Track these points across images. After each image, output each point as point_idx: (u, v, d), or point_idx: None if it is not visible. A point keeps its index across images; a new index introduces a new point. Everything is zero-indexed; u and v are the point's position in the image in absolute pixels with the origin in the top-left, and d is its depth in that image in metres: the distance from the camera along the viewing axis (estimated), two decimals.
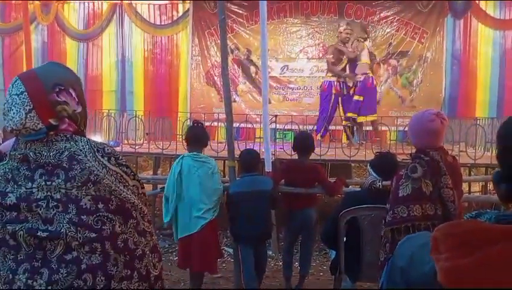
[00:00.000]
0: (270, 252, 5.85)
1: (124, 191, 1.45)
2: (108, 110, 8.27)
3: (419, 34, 9.81)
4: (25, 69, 8.95)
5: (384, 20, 9.93)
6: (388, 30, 9.91)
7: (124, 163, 1.50)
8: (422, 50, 9.84)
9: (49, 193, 1.37)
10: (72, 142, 1.43)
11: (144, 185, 1.59)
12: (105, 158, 1.45)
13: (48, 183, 1.38)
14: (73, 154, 1.41)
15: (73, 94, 1.49)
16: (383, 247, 2.72)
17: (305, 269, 4.82)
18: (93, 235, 1.36)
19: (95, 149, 1.45)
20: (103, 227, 1.37)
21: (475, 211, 1.04)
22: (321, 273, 5.31)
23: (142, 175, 8.21)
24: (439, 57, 9.81)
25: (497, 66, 9.59)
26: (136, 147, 7.31)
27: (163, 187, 6.47)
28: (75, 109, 1.49)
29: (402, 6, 9.88)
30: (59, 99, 1.45)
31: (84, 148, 1.43)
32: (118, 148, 7.42)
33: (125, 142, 7.87)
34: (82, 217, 1.36)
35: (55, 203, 1.36)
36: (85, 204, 1.37)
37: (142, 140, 7.95)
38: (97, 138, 7.63)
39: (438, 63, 9.82)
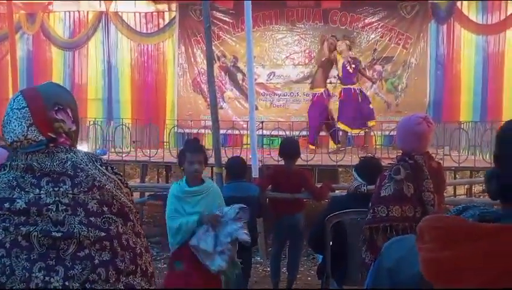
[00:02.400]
0: (259, 258, 5.87)
1: (122, 196, 1.57)
2: (95, 119, 8.25)
3: (404, 39, 9.95)
4: (10, 79, 8.93)
5: (369, 27, 10.06)
6: (373, 36, 10.03)
7: (118, 172, 1.63)
8: (406, 55, 9.97)
9: (57, 198, 1.45)
10: (72, 153, 1.54)
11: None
12: (104, 167, 1.58)
13: (56, 189, 1.46)
14: (76, 163, 1.52)
15: (70, 114, 1.61)
16: (362, 244, 2.78)
17: (293, 274, 4.84)
18: (103, 234, 1.46)
19: (93, 159, 1.58)
20: (110, 227, 1.49)
21: (462, 205, 1.09)
22: (309, 278, 5.34)
23: (130, 183, 8.20)
24: (423, 62, 9.94)
25: (481, 70, 9.74)
26: (123, 155, 7.30)
27: (151, 195, 6.51)
28: (71, 127, 1.60)
29: (386, 12, 10.01)
30: (57, 117, 1.56)
31: (83, 159, 1.55)
32: (104, 157, 7.41)
33: (112, 150, 7.85)
34: (90, 218, 1.46)
35: (64, 207, 1.45)
36: (92, 207, 1.48)
37: (129, 148, 7.94)
38: (83, 146, 7.61)
39: (422, 68, 9.95)
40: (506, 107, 9.23)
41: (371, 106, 8.46)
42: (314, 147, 8.18)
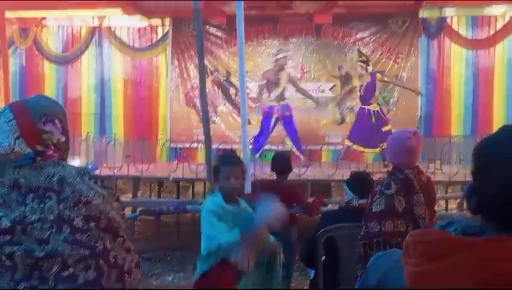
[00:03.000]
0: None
1: (111, 211, 1.53)
2: (87, 133, 8.25)
3: (395, 54, 10.03)
4: (3, 93, 8.93)
5: (361, 41, 10.13)
6: (364, 51, 10.08)
7: (108, 186, 1.61)
8: (398, 70, 10.03)
9: (42, 215, 1.43)
10: (60, 167, 1.52)
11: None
12: (92, 181, 1.55)
13: (41, 205, 1.44)
14: (63, 177, 1.49)
15: (59, 125, 1.60)
16: (358, 262, 2.79)
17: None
18: (88, 252, 1.43)
19: (82, 173, 1.54)
20: (96, 244, 1.45)
21: (446, 221, 1.11)
22: None
23: (122, 198, 8.17)
24: (414, 76, 10.01)
25: (471, 84, 9.84)
26: (115, 170, 7.28)
27: (143, 210, 6.50)
28: (60, 138, 1.59)
29: (377, 27, 10.10)
30: (45, 128, 1.55)
31: (72, 172, 1.52)
32: (97, 171, 7.38)
33: (105, 165, 7.83)
34: (76, 235, 1.43)
35: (50, 224, 1.43)
36: (78, 223, 1.44)
37: (121, 163, 7.93)
38: (76, 161, 7.59)
39: (413, 83, 9.99)
40: (497, 121, 9.32)
41: (383, 129, 8.34)
42: (305, 157, 8.24)
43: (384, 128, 8.29)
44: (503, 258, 0.89)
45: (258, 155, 8.32)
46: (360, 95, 8.48)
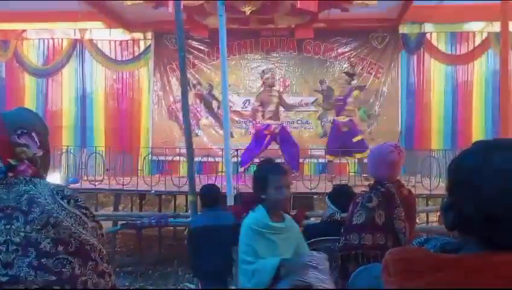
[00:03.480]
0: (233, 287, 5.81)
1: (83, 233, 1.44)
2: (68, 146, 8.16)
3: (375, 69, 10.16)
4: None
5: (342, 56, 10.25)
6: (345, 66, 10.21)
7: (83, 205, 1.51)
8: (378, 84, 10.16)
9: (8, 237, 1.37)
10: (31, 185, 1.44)
11: (104, 222, 1.62)
12: (65, 200, 1.46)
13: (7, 227, 1.38)
14: (33, 197, 1.42)
15: (36, 138, 1.53)
16: (335, 270, 2.80)
17: None
18: (53, 278, 1.36)
19: (55, 192, 1.46)
20: (63, 269, 1.37)
21: (424, 237, 1.11)
22: None
23: (103, 212, 8.09)
24: (394, 90, 10.15)
25: (450, 98, 10.03)
26: (96, 183, 7.21)
27: (124, 223, 6.44)
28: (36, 152, 1.52)
29: (358, 42, 10.24)
30: (20, 141, 1.48)
31: (43, 191, 1.44)
32: (77, 185, 7.31)
33: (85, 178, 7.75)
34: (42, 260, 1.36)
35: (15, 247, 1.36)
36: (44, 247, 1.37)
37: (102, 176, 7.85)
38: (56, 174, 7.50)
39: (393, 97, 10.15)
40: (476, 135, 9.50)
41: (354, 139, 8.41)
42: (297, 174, 8.28)
43: (355, 139, 8.41)
44: (483, 274, 0.90)
45: (244, 168, 8.31)
46: (336, 107, 8.62)
